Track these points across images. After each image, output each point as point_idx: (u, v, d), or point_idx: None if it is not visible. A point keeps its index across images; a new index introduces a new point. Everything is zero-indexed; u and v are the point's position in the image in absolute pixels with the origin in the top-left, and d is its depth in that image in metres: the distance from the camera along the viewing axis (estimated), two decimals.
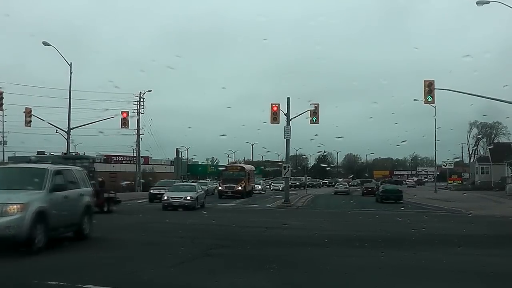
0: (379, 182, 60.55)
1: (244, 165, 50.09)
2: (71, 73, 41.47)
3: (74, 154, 55.74)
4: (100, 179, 28.00)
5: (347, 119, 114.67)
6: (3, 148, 59.98)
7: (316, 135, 39.88)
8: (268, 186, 69.10)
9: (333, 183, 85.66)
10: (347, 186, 64.30)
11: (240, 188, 44.79)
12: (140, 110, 57.47)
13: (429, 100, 29.44)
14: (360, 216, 26.59)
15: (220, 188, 46.56)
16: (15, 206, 10.80)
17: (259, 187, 57.98)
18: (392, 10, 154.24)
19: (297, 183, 76.13)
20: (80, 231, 13.69)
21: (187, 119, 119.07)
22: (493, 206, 34.65)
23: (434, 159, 77.92)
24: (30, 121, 41.14)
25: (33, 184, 12.01)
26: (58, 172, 12.93)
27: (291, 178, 74.91)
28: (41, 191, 11.83)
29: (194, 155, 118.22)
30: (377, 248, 12.79)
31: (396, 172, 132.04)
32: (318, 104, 36.49)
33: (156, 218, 22.84)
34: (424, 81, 29.51)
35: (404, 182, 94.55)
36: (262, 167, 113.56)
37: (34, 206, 11.15)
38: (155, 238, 15.29)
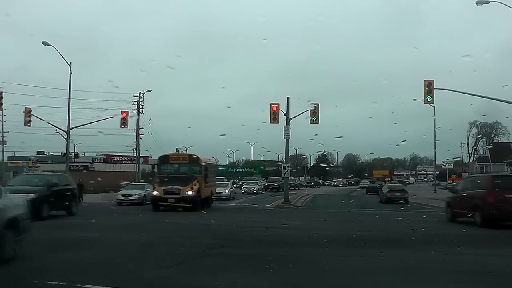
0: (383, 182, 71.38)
1: (199, 156, 30.07)
2: (70, 73, 41.51)
3: (74, 154, 55.84)
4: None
5: (347, 119, 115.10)
6: (3, 148, 59.98)
7: (316, 135, 40.13)
8: (240, 189, 56.35)
9: (311, 183, 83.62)
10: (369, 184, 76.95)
11: (190, 192, 27.12)
12: (140, 110, 57.41)
13: (428, 100, 29.46)
14: (359, 216, 26.61)
15: (155, 193, 28.12)
16: None
17: (226, 191, 41.11)
18: (392, 10, 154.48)
19: (275, 184, 63.78)
20: None
21: (186, 119, 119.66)
22: None
23: (434, 159, 77.98)
24: (30, 120, 41.12)
25: None
26: None
27: (266, 180, 70.40)
28: None
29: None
30: (376, 248, 12.78)
31: (395, 172, 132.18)
32: (317, 104, 36.59)
33: None
34: (424, 81, 29.54)
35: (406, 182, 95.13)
36: (262, 167, 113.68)
37: None
38: (155, 238, 15.29)
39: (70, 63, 41.28)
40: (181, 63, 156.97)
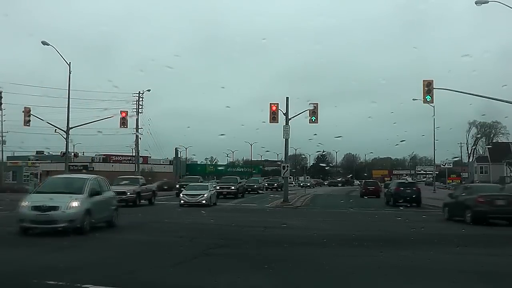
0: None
1: None
2: (70, 72, 41.48)
3: (73, 153, 55.87)
4: None
5: (346, 118, 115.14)
6: (2, 148, 59.91)
7: (315, 134, 39.84)
8: (181, 195, 33.18)
9: (274, 184, 67.16)
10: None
11: None
12: (139, 109, 57.35)
13: (428, 99, 29.42)
14: (359, 216, 26.61)
15: None
16: None
17: (75, 204, 15.06)
18: (391, 9, 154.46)
19: (232, 187, 44.65)
20: None
21: (186, 119, 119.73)
22: None
23: (433, 158, 77.96)
24: (29, 120, 41.04)
25: None
26: None
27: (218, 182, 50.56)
28: None
29: (193, 155, 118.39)
30: (376, 248, 12.79)
31: (395, 172, 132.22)
32: (317, 104, 36.46)
33: None
34: (423, 80, 29.49)
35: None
36: (261, 166, 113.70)
37: None
38: (154, 238, 15.29)
39: (70, 63, 41.24)
40: (181, 63, 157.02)
